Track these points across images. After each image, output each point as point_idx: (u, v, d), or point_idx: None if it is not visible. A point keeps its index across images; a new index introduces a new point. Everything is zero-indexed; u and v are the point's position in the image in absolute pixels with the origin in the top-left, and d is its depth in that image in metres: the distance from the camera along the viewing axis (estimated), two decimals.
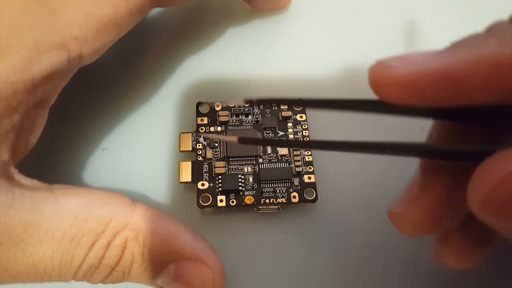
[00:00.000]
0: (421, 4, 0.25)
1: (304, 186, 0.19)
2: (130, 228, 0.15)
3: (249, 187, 0.19)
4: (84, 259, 0.14)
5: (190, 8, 0.25)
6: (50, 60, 0.14)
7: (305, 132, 0.20)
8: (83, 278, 0.15)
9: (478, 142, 0.12)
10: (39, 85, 0.14)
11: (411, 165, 0.14)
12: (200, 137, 0.20)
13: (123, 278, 0.15)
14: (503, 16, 0.25)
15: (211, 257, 0.16)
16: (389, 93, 0.11)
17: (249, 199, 0.19)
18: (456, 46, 0.11)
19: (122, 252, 0.15)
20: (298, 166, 0.19)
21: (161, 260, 0.15)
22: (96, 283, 0.15)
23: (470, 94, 0.10)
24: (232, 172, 0.19)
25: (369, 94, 0.22)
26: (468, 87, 0.10)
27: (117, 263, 0.15)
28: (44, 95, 0.15)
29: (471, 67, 0.10)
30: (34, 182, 0.15)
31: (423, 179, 0.13)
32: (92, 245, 0.14)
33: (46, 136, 0.17)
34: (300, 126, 0.20)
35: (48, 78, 0.14)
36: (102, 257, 0.14)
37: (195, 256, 0.16)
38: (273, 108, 0.21)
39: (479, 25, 0.25)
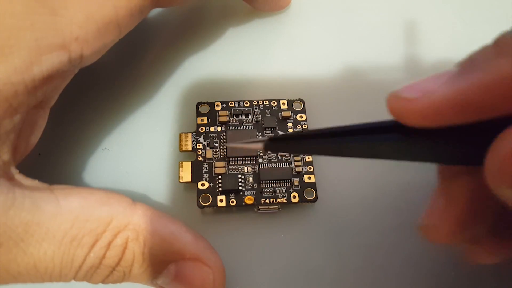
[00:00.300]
0: (421, 4, 0.25)
1: (304, 186, 0.19)
2: (130, 228, 0.15)
3: (249, 187, 0.19)
4: (84, 259, 0.14)
5: (190, 9, 0.25)
6: (51, 61, 0.14)
7: None
8: (83, 278, 0.15)
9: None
10: (40, 86, 0.14)
11: (411, 165, 0.14)
12: (200, 137, 0.20)
13: (123, 278, 0.15)
14: (503, 16, 0.25)
15: (211, 257, 0.16)
16: (411, 122, 0.11)
17: (249, 199, 0.19)
18: (468, 67, 0.11)
19: (123, 252, 0.15)
20: (298, 166, 0.19)
21: (162, 260, 0.15)
22: (96, 283, 0.15)
23: (489, 112, 0.11)
24: (232, 172, 0.19)
25: (368, 95, 0.22)
26: (486, 108, 0.11)
27: (118, 263, 0.15)
28: (45, 95, 0.15)
29: (487, 91, 0.10)
30: (35, 183, 0.15)
31: (446, 187, 0.13)
32: (92, 245, 0.14)
33: (46, 136, 0.17)
34: (300, 126, 0.21)
35: (49, 78, 0.14)
36: (103, 257, 0.14)
37: (196, 256, 0.16)
38: (273, 108, 0.21)
39: (479, 25, 0.25)
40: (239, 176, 0.19)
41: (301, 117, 0.21)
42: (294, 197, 0.19)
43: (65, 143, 0.20)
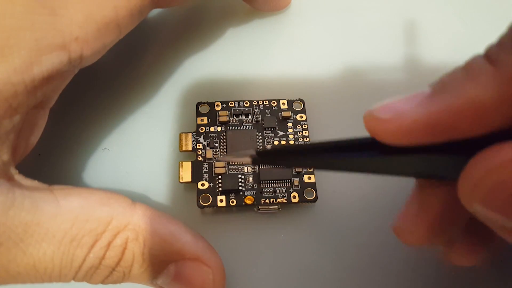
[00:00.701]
0: (421, 4, 0.25)
1: (304, 186, 0.19)
2: (130, 228, 0.15)
3: (249, 187, 0.19)
4: (84, 260, 0.14)
5: (190, 9, 0.25)
6: (51, 61, 0.14)
7: (305, 132, 0.20)
8: (83, 279, 0.15)
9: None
10: (40, 86, 0.14)
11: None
12: (200, 137, 0.20)
13: (123, 278, 0.15)
14: (503, 16, 0.25)
15: (211, 257, 0.16)
16: (385, 141, 0.12)
17: (249, 199, 0.19)
18: (438, 90, 0.12)
19: (123, 253, 0.15)
20: None
21: (162, 260, 0.15)
22: (96, 283, 0.15)
23: (457, 134, 0.11)
24: (232, 172, 0.19)
25: (368, 95, 0.22)
26: (454, 130, 0.11)
27: (118, 264, 0.15)
28: (45, 95, 0.15)
29: (456, 114, 0.11)
30: (34, 183, 0.15)
31: (420, 194, 0.14)
32: (92, 246, 0.14)
33: (46, 136, 0.17)
34: (300, 126, 0.21)
35: (48, 78, 0.14)
36: (103, 257, 0.14)
37: (196, 256, 0.16)
38: (273, 108, 0.21)
39: (479, 25, 0.25)
40: (239, 176, 0.19)
41: (301, 117, 0.21)
42: (294, 197, 0.19)
43: (65, 143, 0.20)
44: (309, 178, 0.19)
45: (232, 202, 0.19)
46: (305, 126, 0.21)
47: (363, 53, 0.23)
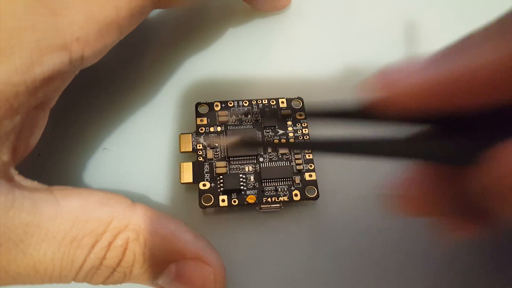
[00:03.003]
0: (421, 4, 0.25)
1: (305, 184, 0.19)
2: (131, 228, 0.15)
3: (251, 186, 0.19)
4: (85, 260, 0.14)
5: (190, 9, 0.25)
6: (52, 62, 0.14)
7: (305, 130, 0.20)
8: (84, 279, 0.15)
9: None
10: (41, 87, 0.14)
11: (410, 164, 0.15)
12: (200, 137, 0.20)
13: (124, 278, 0.15)
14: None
15: (212, 256, 0.16)
16: (396, 102, 0.12)
17: (251, 198, 0.19)
18: (453, 51, 0.11)
19: (123, 253, 0.15)
20: (299, 164, 0.19)
21: (162, 260, 0.15)
22: (97, 284, 0.15)
23: (470, 99, 0.11)
24: (233, 171, 0.19)
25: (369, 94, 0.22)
26: (469, 92, 0.11)
27: (118, 264, 0.15)
28: (45, 96, 0.15)
29: (472, 74, 0.10)
30: (34, 184, 0.15)
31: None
32: (93, 246, 0.14)
33: (46, 136, 0.17)
34: (299, 124, 0.20)
35: (49, 79, 0.14)
36: (103, 258, 0.14)
37: (196, 256, 0.16)
38: (272, 107, 0.21)
39: (479, 25, 0.25)
40: (240, 175, 0.19)
41: (300, 115, 0.21)
42: (296, 195, 0.19)
43: (65, 143, 0.20)
44: (310, 176, 0.19)
45: (234, 201, 0.19)
46: (304, 124, 0.20)
47: (363, 53, 0.23)
